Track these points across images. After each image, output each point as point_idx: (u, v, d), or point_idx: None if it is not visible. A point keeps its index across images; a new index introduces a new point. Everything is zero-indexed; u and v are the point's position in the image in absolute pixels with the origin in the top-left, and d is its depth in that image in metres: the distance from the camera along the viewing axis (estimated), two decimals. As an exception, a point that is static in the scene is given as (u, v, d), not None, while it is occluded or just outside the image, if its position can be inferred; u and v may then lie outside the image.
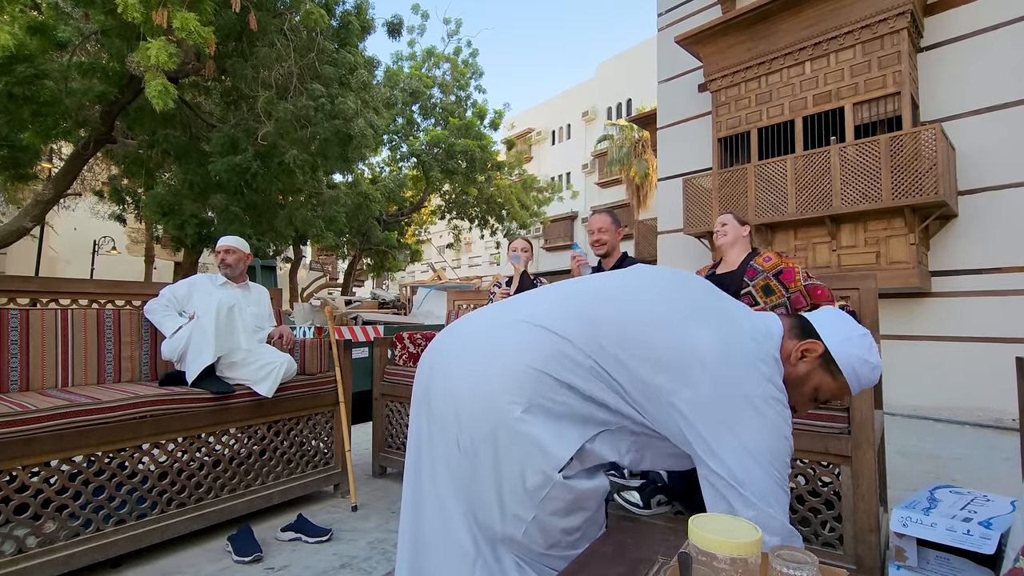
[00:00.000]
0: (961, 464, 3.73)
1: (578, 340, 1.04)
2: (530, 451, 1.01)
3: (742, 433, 0.97)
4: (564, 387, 1.03)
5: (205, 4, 5.68)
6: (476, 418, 1.04)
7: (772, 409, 1.00)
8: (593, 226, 2.67)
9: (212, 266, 17.53)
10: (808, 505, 1.88)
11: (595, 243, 2.67)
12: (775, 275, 2.23)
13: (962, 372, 5.68)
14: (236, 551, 2.14)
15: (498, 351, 1.08)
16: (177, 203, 8.63)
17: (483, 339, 1.14)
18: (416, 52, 15.60)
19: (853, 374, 1.08)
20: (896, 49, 5.91)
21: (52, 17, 7.00)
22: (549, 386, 1.03)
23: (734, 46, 7.17)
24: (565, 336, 1.05)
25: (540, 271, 22.34)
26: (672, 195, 8.23)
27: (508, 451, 1.02)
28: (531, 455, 1.01)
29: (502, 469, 1.02)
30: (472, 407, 1.05)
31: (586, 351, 1.04)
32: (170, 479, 2.21)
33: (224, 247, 2.85)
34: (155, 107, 5.56)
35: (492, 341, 1.12)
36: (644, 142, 17.74)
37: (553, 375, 1.03)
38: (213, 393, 2.34)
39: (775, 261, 2.26)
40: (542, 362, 1.03)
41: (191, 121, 8.89)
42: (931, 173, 5.43)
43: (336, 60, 8.72)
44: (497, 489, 1.03)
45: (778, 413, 1.00)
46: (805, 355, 1.09)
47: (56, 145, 10.81)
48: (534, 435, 1.01)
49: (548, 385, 1.03)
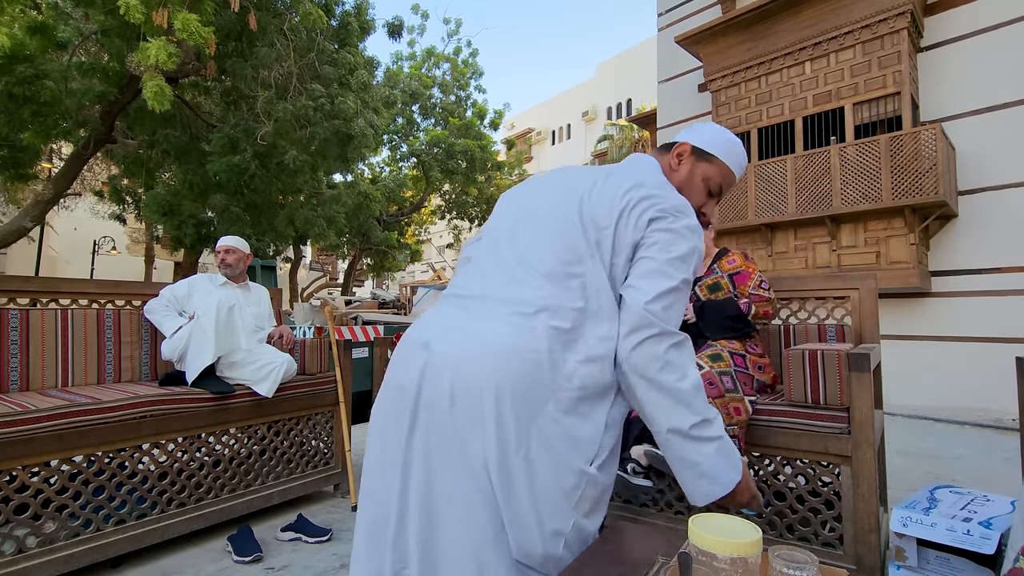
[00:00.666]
0: (961, 464, 3.73)
1: (555, 292, 0.96)
2: (562, 448, 0.90)
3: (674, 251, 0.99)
4: (575, 338, 0.94)
5: (205, 4, 5.69)
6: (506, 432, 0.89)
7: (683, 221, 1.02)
8: None
9: (212, 266, 17.53)
10: (808, 505, 1.88)
11: None
12: (730, 275, 2.24)
13: (962, 372, 5.68)
14: (236, 551, 2.14)
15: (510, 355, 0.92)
16: (176, 203, 8.63)
17: (489, 349, 0.94)
18: (416, 52, 15.61)
19: (725, 153, 1.19)
20: (896, 49, 5.91)
21: (52, 17, 7.00)
22: (565, 354, 0.93)
23: (734, 46, 7.17)
24: (546, 305, 0.95)
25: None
26: (672, 195, 8.24)
27: (541, 458, 0.89)
28: (564, 452, 0.90)
29: (536, 478, 0.88)
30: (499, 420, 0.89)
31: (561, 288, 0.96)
32: (170, 479, 2.21)
33: (224, 247, 2.85)
34: (152, 108, 5.56)
35: (497, 347, 0.93)
36: (644, 142, 17.74)
37: (564, 339, 0.93)
38: (213, 393, 2.34)
39: (738, 263, 2.25)
40: (547, 345, 0.92)
41: (191, 121, 8.89)
42: (931, 173, 5.43)
43: (336, 60, 8.73)
44: (534, 504, 0.88)
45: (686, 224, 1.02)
46: (680, 157, 1.20)
47: (56, 145, 10.81)
48: (565, 426, 0.90)
49: (564, 354, 0.93)
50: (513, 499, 0.87)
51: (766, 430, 1.93)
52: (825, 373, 1.82)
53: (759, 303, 2.15)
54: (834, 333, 2.31)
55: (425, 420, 0.93)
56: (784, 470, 1.93)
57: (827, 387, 1.82)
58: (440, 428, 0.91)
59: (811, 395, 1.85)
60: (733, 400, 1.92)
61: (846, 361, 1.79)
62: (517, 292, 0.97)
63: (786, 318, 2.49)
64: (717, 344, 2.07)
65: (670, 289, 0.95)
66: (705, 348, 2.07)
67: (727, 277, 2.25)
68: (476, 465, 0.89)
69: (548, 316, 0.94)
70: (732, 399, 1.92)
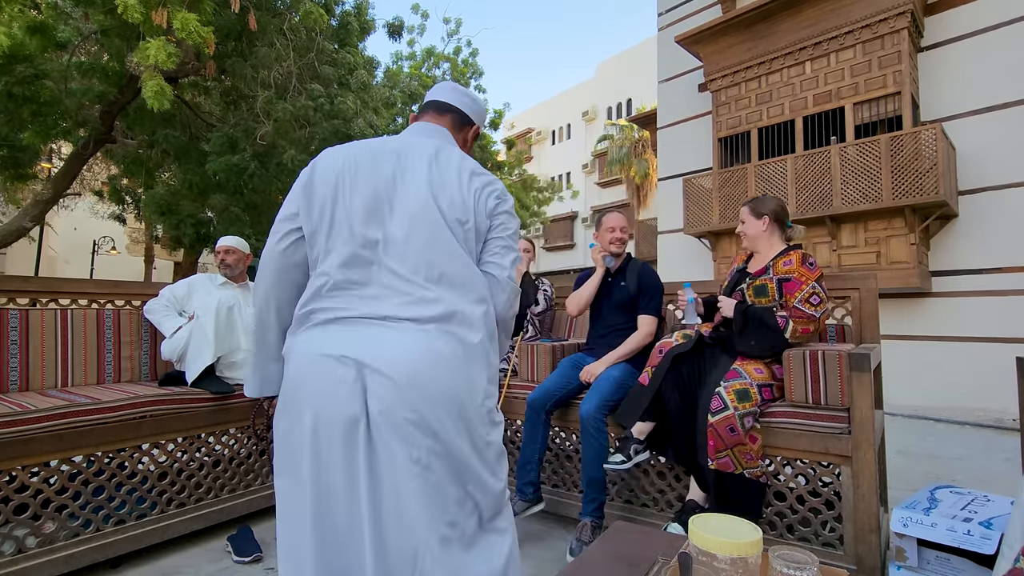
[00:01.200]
0: (961, 464, 3.73)
1: (453, 297, 1.08)
2: (478, 382, 1.07)
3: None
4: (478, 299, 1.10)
5: (205, 4, 5.68)
6: (446, 411, 1.02)
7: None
8: (615, 224, 2.56)
9: (212, 266, 17.53)
10: (808, 505, 1.88)
11: (615, 241, 2.53)
12: (779, 280, 2.03)
13: (962, 372, 5.68)
14: (236, 551, 2.13)
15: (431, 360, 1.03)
16: (176, 203, 8.64)
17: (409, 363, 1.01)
18: (416, 52, 15.60)
19: (482, 119, 1.38)
20: (896, 49, 5.91)
21: (52, 17, 7.00)
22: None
23: (734, 46, 7.17)
24: (452, 312, 1.07)
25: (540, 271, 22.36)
26: (672, 195, 8.24)
27: (479, 429, 1.06)
28: (480, 385, 1.07)
29: (477, 442, 1.05)
30: (441, 407, 1.02)
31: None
32: (170, 479, 2.21)
33: (224, 247, 2.85)
34: (151, 107, 5.55)
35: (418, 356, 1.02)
36: (644, 142, 17.74)
37: (472, 332, 1.07)
38: (213, 393, 2.34)
39: (793, 267, 2.00)
40: (462, 349, 1.07)
41: (191, 121, 8.89)
42: (931, 173, 5.43)
43: (336, 60, 8.73)
44: (473, 446, 1.04)
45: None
46: (472, 140, 1.37)
47: (56, 145, 10.81)
48: (488, 408, 1.09)
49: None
50: (477, 461, 1.04)
51: (766, 430, 1.93)
52: (826, 373, 1.82)
53: (800, 320, 1.92)
54: (834, 333, 2.31)
55: (383, 437, 0.99)
56: (784, 470, 1.93)
57: (827, 387, 1.82)
58: (397, 441, 0.98)
59: (812, 396, 1.85)
60: (752, 436, 1.90)
61: (847, 361, 1.79)
62: (418, 309, 1.05)
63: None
64: (746, 374, 1.92)
65: (515, 258, 1.20)
66: (733, 378, 1.92)
67: (776, 282, 2.03)
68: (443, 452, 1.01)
69: (456, 322, 1.06)
70: (752, 435, 1.90)
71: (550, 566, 2.08)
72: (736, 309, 2.05)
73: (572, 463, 2.50)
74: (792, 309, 1.96)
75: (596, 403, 2.20)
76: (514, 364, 2.82)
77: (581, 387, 2.43)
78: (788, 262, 2.02)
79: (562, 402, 2.41)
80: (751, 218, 2.19)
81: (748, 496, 1.87)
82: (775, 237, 2.16)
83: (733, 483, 1.86)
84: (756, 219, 2.17)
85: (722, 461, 1.86)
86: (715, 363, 2.07)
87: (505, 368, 2.80)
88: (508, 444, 2.72)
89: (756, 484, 1.87)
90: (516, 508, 2.26)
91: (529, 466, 2.32)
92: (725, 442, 1.85)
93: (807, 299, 1.94)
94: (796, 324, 1.92)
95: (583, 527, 2.14)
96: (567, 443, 2.54)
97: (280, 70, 7.92)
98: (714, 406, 1.88)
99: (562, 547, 2.25)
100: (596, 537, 2.09)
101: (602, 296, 2.57)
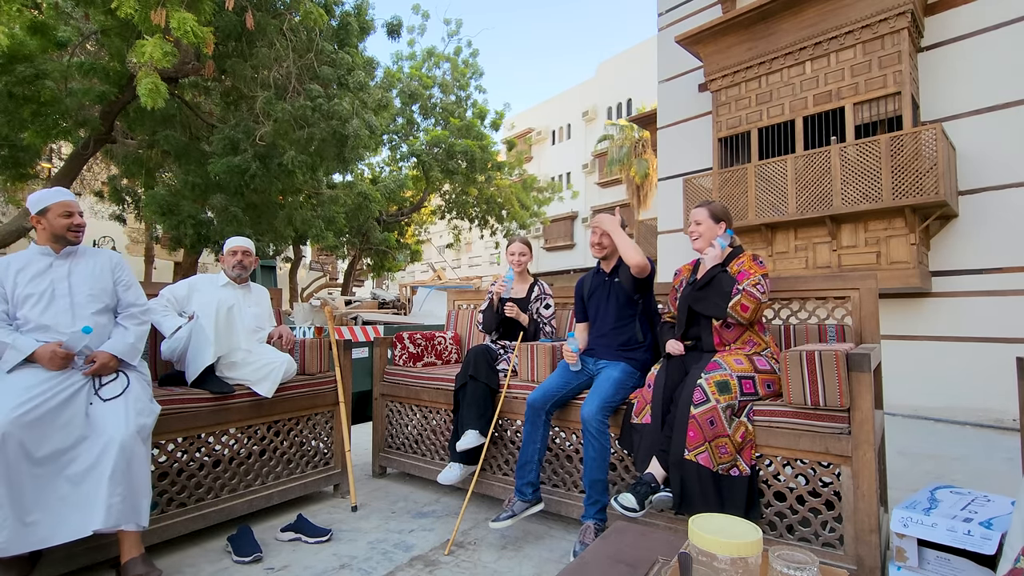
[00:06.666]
0: (961, 464, 3.73)
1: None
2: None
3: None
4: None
5: (204, 4, 5.68)
6: None
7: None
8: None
9: (212, 266, 17.53)
10: (808, 505, 1.88)
11: (595, 246, 2.54)
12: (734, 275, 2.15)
13: (962, 372, 5.68)
14: (236, 551, 2.14)
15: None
16: (176, 203, 8.63)
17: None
18: (416, 52, 15.60)
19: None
20: (896, 49, 5.91)
21: (52, 17, 7.00)
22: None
23: (734, 46, 7.17)
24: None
25: (540, 271, 22.36)
26: (672, 195, 8.23)
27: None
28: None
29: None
30: None
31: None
32: (170, 479, 2.21)
33: (242, 248, 2.85)
34: (146, 105, 5.52)
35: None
36: (644, 142, 17.74)
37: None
38: (213, 393, 2.34)
39: (745, 264, 2.15)
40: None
41: (191, 121, 8.89)
42: (931, 173, 5.42)
43: (335, 61, 8.72)
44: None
45: None
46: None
47: (56, 145, 10.81)
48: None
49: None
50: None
51: (766, 431, 1.93)
52: (823, 374, 1.81)
53: (745, 298, 2.05)
54: (834, 333, 2.30)
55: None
56: (784, 470, 1.93)
57: (826, 388, 1.81)
58: None
59: (810, 398, 1.83)
60: (736, 431, 1.90)
61: (845, 361, 1.78)
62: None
63: (786, 318, 2.49)
64: (726, 365, 1.98)
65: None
66: (713, 369, 1.97)
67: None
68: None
69: None
70: (736, 429, 1.90)
71: (551, 566, 2.08)
72: (709, 272, 2.17)
73: (572, 463, 2.50)
74: (743, 290, 2.07)
75: (597, 404, 2.20)
76: (514, 364, 2.82)
77: (581, 387, 2.43)
78: (740, 262, 2.18)
79: (562, 402, 2.41)
80: (709, 221, 2.28)
81: (732, 494, 1.87)
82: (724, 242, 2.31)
83: (711, 482, 1.86)
84: (715, 223, 2.27)
85: (701, 456, 1.87)
86: (696, 359, 2.13)
87: (505, 368, 2.80)
88: (508, 444, 2.72)
89: (735, 480, 1.87)
90: (516, 508, 2.26)
91: (529, 466, 2.32)
92: (704, 435, 1.87)
93: (755, 284, 2.06)
94: (742, 298, 2.04)
95: (586, 530, 2.13)
96: (567, 443, 2.54)
97: (280, 70, 7.91)
98: (696, 398, 1.91)
99: (562, 547, 2.26)
100: (598, 538, 2.08)
101: (602, 296, 2.57)
